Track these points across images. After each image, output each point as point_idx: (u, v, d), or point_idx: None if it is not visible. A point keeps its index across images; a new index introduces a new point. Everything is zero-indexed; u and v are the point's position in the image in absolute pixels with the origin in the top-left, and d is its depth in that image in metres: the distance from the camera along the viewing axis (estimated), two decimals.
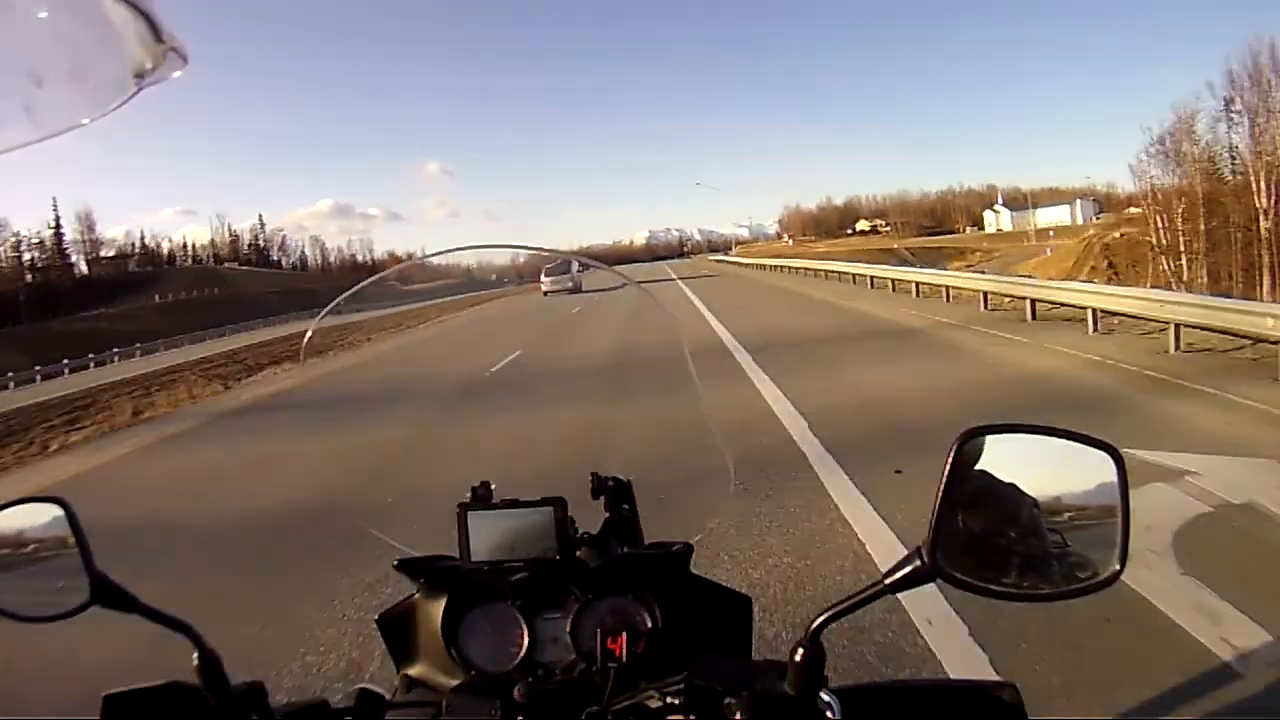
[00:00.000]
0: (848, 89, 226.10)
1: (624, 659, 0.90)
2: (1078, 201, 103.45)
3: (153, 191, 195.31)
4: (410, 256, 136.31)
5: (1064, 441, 0.73)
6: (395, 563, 1.01)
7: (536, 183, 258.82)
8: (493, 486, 1.01)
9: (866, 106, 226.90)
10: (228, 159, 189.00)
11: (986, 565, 0.73)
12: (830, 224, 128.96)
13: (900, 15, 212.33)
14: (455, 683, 0.94)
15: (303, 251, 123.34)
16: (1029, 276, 16.77)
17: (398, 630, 1.01)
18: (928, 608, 2.82)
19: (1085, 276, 34.31)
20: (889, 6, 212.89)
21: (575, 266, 36.34)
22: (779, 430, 5.96)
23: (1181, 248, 34.21)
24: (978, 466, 0.73)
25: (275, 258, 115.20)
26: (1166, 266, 34.14)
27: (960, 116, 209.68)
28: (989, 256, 71.41)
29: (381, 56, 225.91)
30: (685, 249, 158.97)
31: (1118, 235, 45.69)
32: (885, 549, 3.50)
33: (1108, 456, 0.72)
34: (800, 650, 0.73)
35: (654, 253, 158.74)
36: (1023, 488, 0.72)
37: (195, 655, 0.76)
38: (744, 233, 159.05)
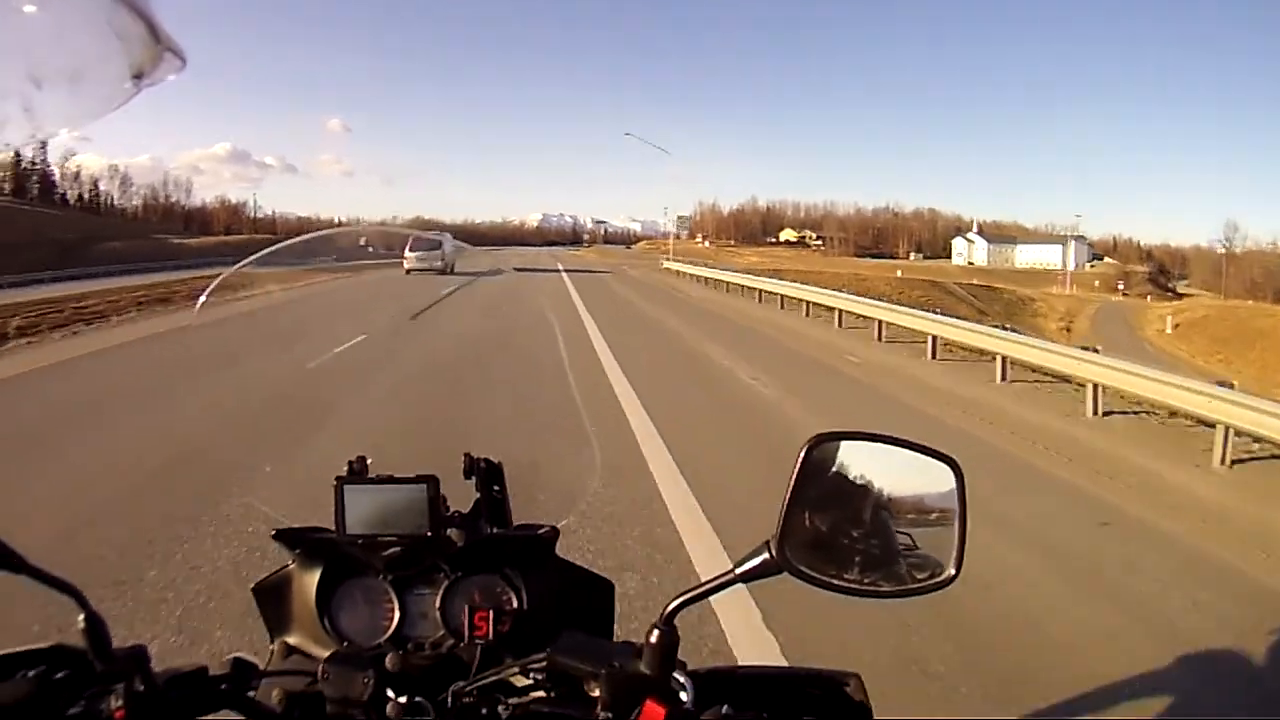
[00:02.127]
0: (768, 86, 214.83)
1: (490, 636, 0.93)
2: (1071, 242, 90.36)
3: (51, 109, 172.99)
4: (243, 205, 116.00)
5: (909, 451, 0.78)
6: (273, 532, 1.00)
7: (435, 150, 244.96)
8: (369, 461, 0.99)
9: (784, 109, 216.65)
10: None
11: (831, 561, 0.76)
12: (751, 229, 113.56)
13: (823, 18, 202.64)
14: (327, 653, 0.91)
15: (95, 187, 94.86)
16: None
17: (273, 599, 1.00)
18: None
19: None
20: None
21: (449, 244, 24.65)
22: None
23: None
24: (830, 470, 0.77)
25: (63, 190, 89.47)
26: None
27: (896, 133, 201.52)
28: (1058, 315, 53.60)
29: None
30: (584, 237, 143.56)
31: None
32: None
33: (948, 468, 0.77)
34: (656, 633, 0.76)
35: (545, 237, 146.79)
36: (869, 491, 0.77)
37: (81, 618, 0.77)
38: (637, 228, 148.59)
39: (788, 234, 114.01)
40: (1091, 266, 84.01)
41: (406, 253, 26.24)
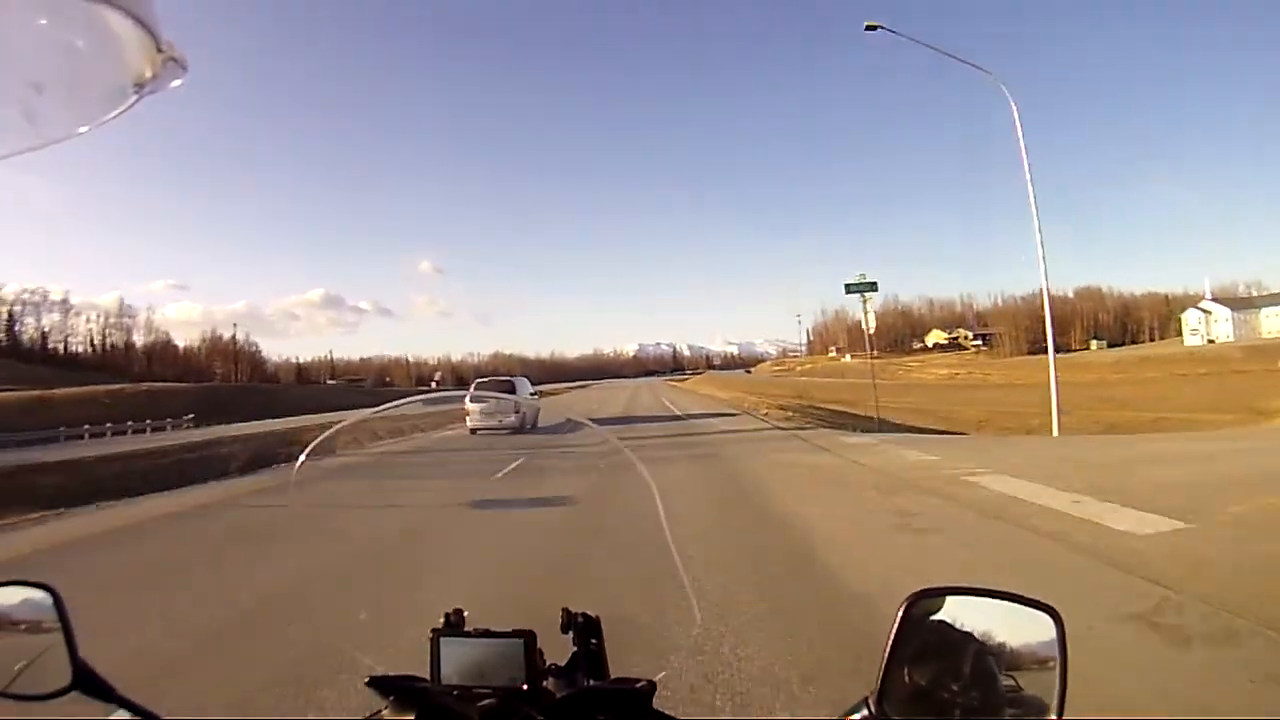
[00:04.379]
0: (879, 183, 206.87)
1: None
2: None
3: (148, 262, 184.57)
4: (238, 345, 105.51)
5: (1007, 603, 0.78)
6: (367, 679, 0.98)
7: (527, 286, 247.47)
8: (465, 614, 1.01)
9: (895, 206, 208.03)
10: (224, 237, 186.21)
11: (931, 715, 0.76)
12: (893, 335, 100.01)
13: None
14: None
15: (40, 325, 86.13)
16: None
17: None
18: None
19: None
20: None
21: (527, 389, 24.65)
22: None
23: None
24: (929, 625, 0.77)
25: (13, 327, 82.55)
26: None
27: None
28: None
29: (383, 152, 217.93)
30: (686, 365, 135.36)
31: None
32: None
33: (1048, 616, 0.77)
34: None
35: (644, 367, 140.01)
36: (970, 642, 0.76)
37: None
38: (734, 350, 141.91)
39: (936, 336, 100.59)
40: None
41: (467, 403, 18.50)
